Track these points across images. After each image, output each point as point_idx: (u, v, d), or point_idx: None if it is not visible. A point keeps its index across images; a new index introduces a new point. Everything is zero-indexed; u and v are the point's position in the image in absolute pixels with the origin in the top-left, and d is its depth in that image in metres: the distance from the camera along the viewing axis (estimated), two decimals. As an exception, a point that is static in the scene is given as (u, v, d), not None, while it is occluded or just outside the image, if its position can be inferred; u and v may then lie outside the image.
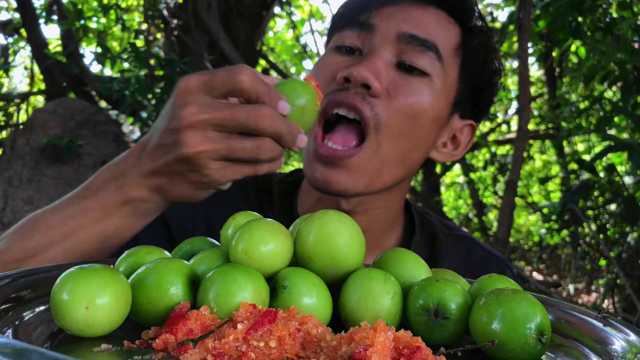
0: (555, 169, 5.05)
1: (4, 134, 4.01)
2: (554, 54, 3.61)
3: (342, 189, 0.82)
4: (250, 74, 0.61)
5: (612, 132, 3.20)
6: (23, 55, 4.44)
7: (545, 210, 2.91)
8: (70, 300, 0.41)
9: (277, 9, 4.40)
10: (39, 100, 4.57)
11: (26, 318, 0.45)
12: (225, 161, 0.64)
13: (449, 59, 0.85)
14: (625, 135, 3.21)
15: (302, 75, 1.06)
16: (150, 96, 2.96)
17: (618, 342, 0.46)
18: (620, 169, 3.41)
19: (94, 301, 0.42)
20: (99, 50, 2.94)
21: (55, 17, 3.64)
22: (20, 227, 0.73)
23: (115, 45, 4.18)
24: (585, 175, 2.67)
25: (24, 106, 4.14)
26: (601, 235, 3.03)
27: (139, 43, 3.68)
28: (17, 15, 3.99)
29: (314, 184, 0.84)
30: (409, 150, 0.85)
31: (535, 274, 4.94)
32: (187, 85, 0.63)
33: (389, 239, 0.96)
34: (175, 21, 3.41)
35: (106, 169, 0.71)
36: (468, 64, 0.88)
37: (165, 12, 3.46)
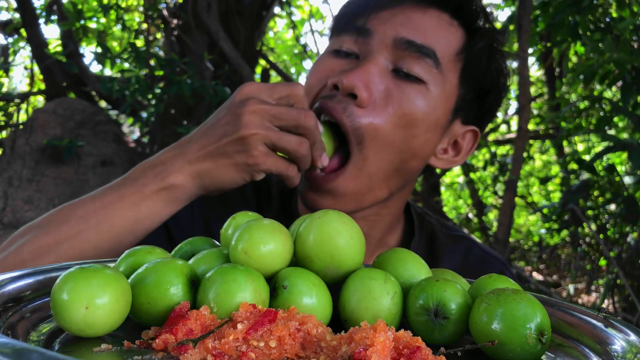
0: (555, 169, 5.05)
1: (4, 134, 4.01)
2: (554, 54, 3.61)
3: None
4: (303, 92, 0.75)
5: (612, 132, 3.20)
6: (23, 55, 4.44)
7: (545, 211, 2.91)
8: (70, 300, 0.41)
9: (277, 9, 4.40)
10: (39, 100, 4.57)
11: (26, 318, 0.45)
12: (272, 150, 0.73)
13: (449, 65, 0.83)
14: (625, 135, 3.21)
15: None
16: (150, 96, 2.96)
17: (618, 342, 0.46)
18: (620, 168, 3.41)
19: (94, 301, 0.42)
20: (99, 50, 2.94)
21: (55, 17, 3.64)
22: (54, 214, 0.77)
23: (115, 45, 4.18)
24: (585, 175, 2.67)
25: (24, 106, 4.14)
26: (601, 235, 3.03)
27: (139, 43, 3.68)
28: (17, 15, 3.99)
29: (305, 203, 0.85)
30: (402, 160, 0.83)
31: (535, 274, 4.94)
32: (251, 87, 0.74)
33: (390, 241, 0.95)
34: (175, 21, 3.41)
35: (145, 161, 0.77)
36: (470, 68, 0.85)
37: (165, 12, 3.46)
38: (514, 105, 4.72)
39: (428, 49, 0.80)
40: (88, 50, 4.31)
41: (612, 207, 2.93)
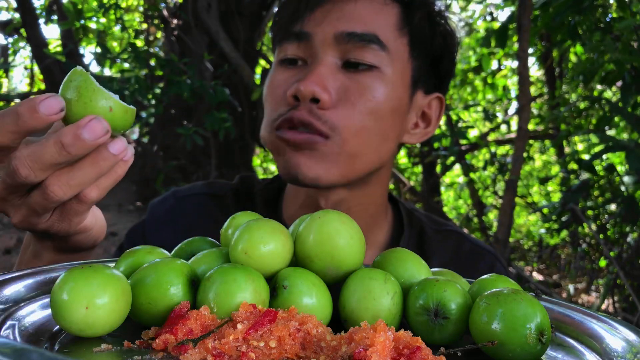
0: (555, 169, 5.05)
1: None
2: (554, 54, 3.61)
3: (314, 175, 0.80)
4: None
5: (612, 132, 3.20)
6: (23, 55, 4.45)
7: (545, 210, 2.91)
8: (70, 300, 0.41)
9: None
10: (39, 100, 4.56)
11: (26, 318, 0.45)
12: (46, 215, 0.57)
13: (395, 43, 0.83)
14: (625, 135, 3.21)
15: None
16: (150, 96, 2.96)
17: (618, 342, 0.46)
18: (620, 168, 3.41)
19: (94, 301, 0.42)
20: (99, 50, 2.94)
21: (55, 17, 3.64)
22: None
23: (115, 45, 4.18)
24: (585, 175, 2.67)
25: (23, 106, 4.14)
26: (601, 235, 3.03)
27: (139, 43, 3.68)
28: (17, 15, 3.99)
29: (287, 173, 0.82)
30: (378, 143, 0.83)
31: (535, 274, 4.94)
32: None
33: (377, 236, 0.95)
34: (175, 21, 3.41)
35: (24, 242, 0.71)
36: (416, 40, 0.86)
37: (165, 12, 3.46)
38: (514, 105, 4.73)
39: (370, 35, 0.81)
40: (88, 51, 4.32)
41: (612, 207, 2.93)
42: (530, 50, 3.11)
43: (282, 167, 0.83)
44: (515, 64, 4.42)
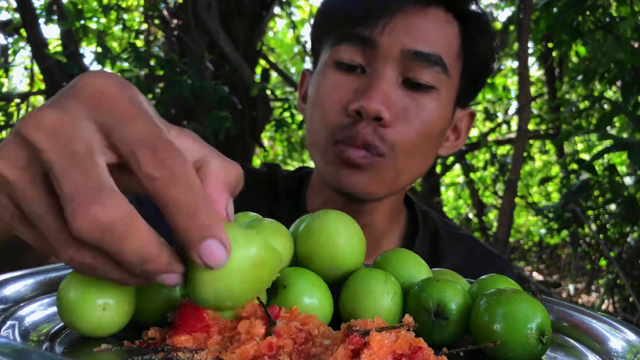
0: (555, 169, 5.05)
1: (4, 134, 4.01)
2: (554, 54, 3.61)
3: (368, 191, 0.82)
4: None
5: (612, 132, 3.20)
6: (23, 55, 4.44)
7: (545, 211, 2.91)
8: (84, 300, 0.41)
9: (277, 9, 4.40)
10: (39, 100, 4.57)
11: (26, 318, 0.45)
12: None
13: (453, 65, 0.84)
14: (625, 135, 3.21)
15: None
16: (150, 96, 2.96)
17: (618, 342, 0.46)
18: (621, 168, 3.41)
19: (109, 302, 0.42)
20: (99, 50, 2.94)
21: (55, 17, 3.64)
22: None
23: (115, 45, 4.18)
24: (585, 175, 2.67)
25: (24, 106, 4.14)
26: (601, 235, 3.02)
27: (139, 43, 3.68)
28: (17, 15, 3.99)
29: (339, 188, 0.83)
30: (423, 159, 0.86)
31: (535, 274, 4.94)
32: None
33: (392, 237, 0.96)
34: (175, 21, 3.41)
35: None
36: (472, 62, 0.87)
37: (165, 12, 3.46)
38: (514, 105, 4.73)
39: (435, 56, 0.80)
40: (88, 51, 4.32)
41: (612, 207, 2.93)
42: (530, 50, 3.11)
43: (332, 177, 0.83)
44: (515, 64, 4.42)
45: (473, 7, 0.86)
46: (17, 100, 4.08)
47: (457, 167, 4.60)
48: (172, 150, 0.34)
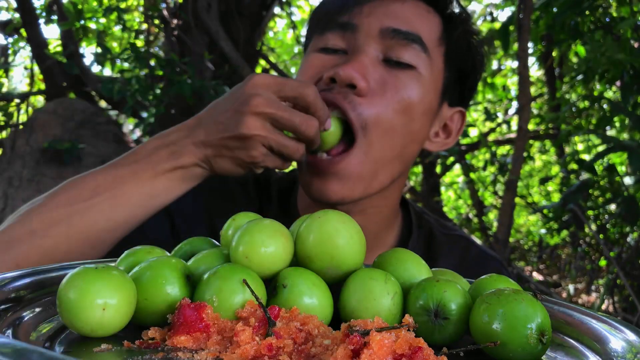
0: (555, 169, 5.05)
1: (4, 134, 4.01)
2: (554, 54, 3.61)
3: (338, 198, 0.82)
4: (315, 91, 0.74)
5: (612, 132, 3.20)
6: (23, 55, 4.44)
7: (545, 211, 2.91)
8: (85, 300, 0.41)
9: (277, 9, 4.40)
10: (39, 100, 4.57)
11: (26, 318, 0.45)
12: (269, 150, 0.75)
13: (434, 49, 0.85)
14: (625, 135, 3.21)
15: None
16: (150, 97, 2.95)
17: (618, 342, 0.46)
18: (621, 169, 3.41)
19: (109, 302, 0.42)
20: (99, 50, 2.94)
21: (55, 17, 3.63)
22: (63, 187, 0.77)
23: (115, 45, 4.18)
24: (585, 175, 2.67)
25: (24, 106, 4.14)
26: (601, 235, 3.02)
27: (139, 43, 3.68)
28: (17, 15, 3.99)
29: (311, 196, 0.84)
30: (403, 145, 0.84)
31: (535, 274, 4.94)
32: (261, 79, 0.74)
33: (388, 238, 0.96)
34: (175, 21, 3.40)
35: (155, 138, 0.78)
36: (452, 52, 0.88)
37: (165, 12, 3.45)
38: (514, 105, 4.73)
39: (414, 35, 0.83)
40: (88, 51, 4.32)
41: (612, 207, 2.93)
42: (530, 50, 3.10)
43: (306, 187, 0.84)
44: (515, 64, 4.42)
45: (454, 5, 0.89)
46: (17, 100, 4.08)
47: (457, 167, 4.60)
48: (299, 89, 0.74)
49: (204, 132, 0.76)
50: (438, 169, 4.08)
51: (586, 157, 3.41)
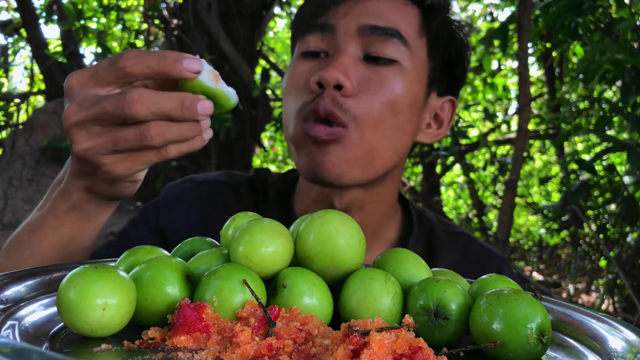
0: (555, 169, 5.05)
1: (4, 134, 4.01)
2: (554, 54, 3.61)
3: (338, 172, 0.81)
4: (135, 54, 0.57)
5: (612, 132, 3.20)
6: (23, 55, 4.44)
7: (545, 211, 2.91)
8: (85, 300, 0.42)
9: (277, 9, 4.40)
10: (39, 100, 4.57)
11: (26, 318, 0.45)
12: (118, 154, 0.60)
13: (415, 41, 0.86)
14: (625, 135, 3.21)
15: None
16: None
17: (618, 342, 0.46)
18: (620, 168, 3.41)
19: (109, 302, 0.42)
20: (99, 50, 2.94)
21: (55, 17, 3.63)
22: (4, 248, 0.75)
23: (115, 45, 4.18)
24: (585, 175, 2.67)
25: (24, 106, 4.14)
26: (601, 235, 3.02)
27: (139, 43, 3.68)
28: (17, 15, 3.99)
29: (311, 171, 0.83)
30: (395, 137, 0.85)
31: (535, 274, 4.94)
32: (69, 82, 0.61)
33: (388, 234, 0.96)
34: (175, 21, 3.40)
35: (57, 177, 0.72)
36: (434, 42, 0.89)
37: (165, 12, 3.45)
38: (514, 105, 4.73)
39: (392, 29, 0.83)
40: (88, 51, 4.32)
41: (612, 207, 2.93)
42: (530, 50, 3.10)
43: (305, 163, 0.84)
44: (515, 64, 4.42)
45: None
46: (17, 100, 4.08)
47: (457, 167, 4.60)
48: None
49: (72, 161, 0.65)
50: (438, 169, 4.08)
51: (586, 157, 3.41)
